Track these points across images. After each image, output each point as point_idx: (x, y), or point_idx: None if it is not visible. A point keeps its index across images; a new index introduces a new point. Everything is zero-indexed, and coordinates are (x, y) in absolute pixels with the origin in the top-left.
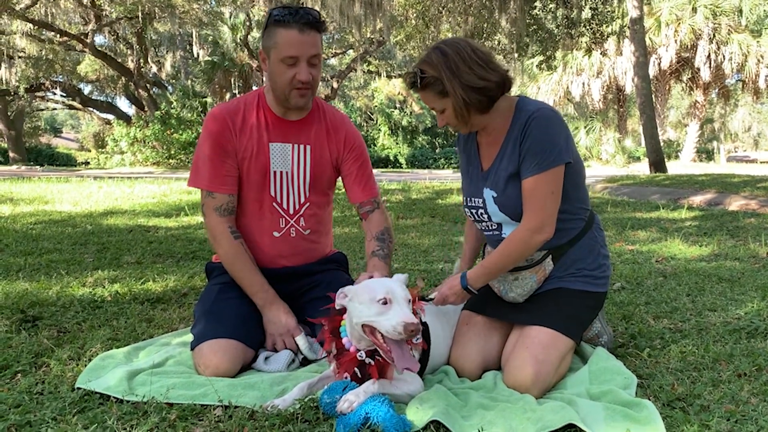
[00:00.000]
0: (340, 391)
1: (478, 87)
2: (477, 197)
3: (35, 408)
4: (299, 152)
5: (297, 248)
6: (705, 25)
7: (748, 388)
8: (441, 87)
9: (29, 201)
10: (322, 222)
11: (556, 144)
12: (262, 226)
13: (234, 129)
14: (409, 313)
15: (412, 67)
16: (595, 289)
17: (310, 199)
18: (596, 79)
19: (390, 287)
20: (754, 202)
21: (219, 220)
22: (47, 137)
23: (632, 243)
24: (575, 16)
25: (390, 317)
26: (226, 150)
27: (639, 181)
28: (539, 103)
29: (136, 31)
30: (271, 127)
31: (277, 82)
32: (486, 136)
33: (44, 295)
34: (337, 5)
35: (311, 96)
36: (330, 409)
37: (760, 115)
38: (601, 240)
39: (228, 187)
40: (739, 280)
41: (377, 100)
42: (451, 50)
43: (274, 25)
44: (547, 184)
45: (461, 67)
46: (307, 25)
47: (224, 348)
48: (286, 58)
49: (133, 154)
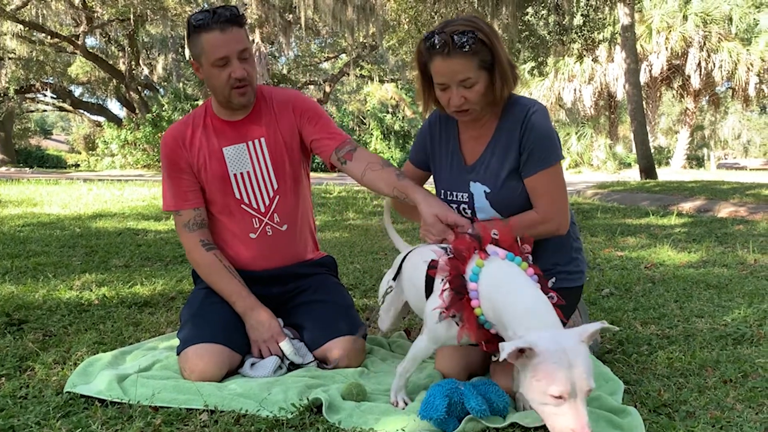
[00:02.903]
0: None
1: (514, 67)
2: (460, 192)
3: (19, 412)
4: (255, 148)
5: (277, 246)
6: (695, 33)
7: (733, 394)
8: (488, 56)
9: (17, 203)
10: (297, 212)
11: (556, 139)
12: (237, 231)
13: (184, 144)
14: (582, 420)
15: (441, 29)
16: (572, 285)
17: (279, 190)
18: (588, 85)
19: (572, 380)
20: (743, 209)
21: (189, 235)
22: (37, 139)
23: (621, 249)
24: (567, 23)
25: (559, 421)
26: (180, 167)
27: (629, 188)
28: (529, 99)
29: (127, 33)
30: (221, 132)
31: (215, 86)
32: (470, 130)
33: (30, 298)
34: (329, 9)
35: (252, 92)
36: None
37: (749, 122)
38: (573, 234)
39: (191, 201)
40: (727, 287)
41: (369, 104)
42: (486, 25)
43: (195, 32)
44: (557, 179)
45: (498, 41)
46: (228, 23)
47: (210, 352)
48: (216, 61)
49: (123, 157)
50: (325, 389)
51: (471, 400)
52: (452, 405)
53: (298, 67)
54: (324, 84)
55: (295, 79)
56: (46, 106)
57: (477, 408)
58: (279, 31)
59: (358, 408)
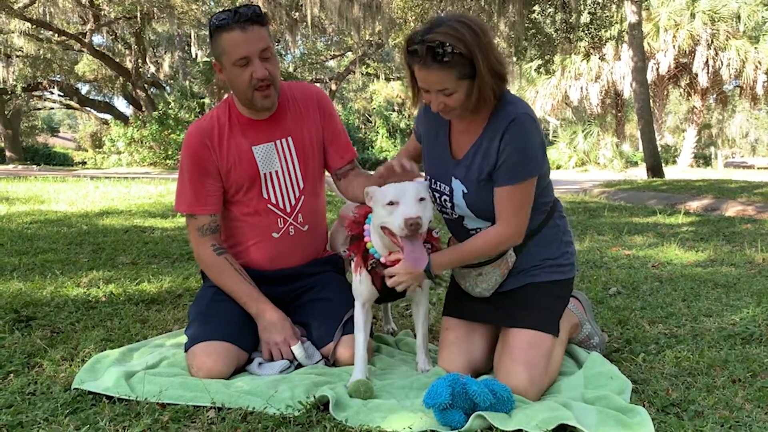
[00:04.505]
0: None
1: (500, 73)
2: (443, 183)
3: (27, 408)
4: (283, 147)
5: (296, 246)
6: (703, 31)
7: (742, 394)
8: (468, 68)
9: (25, 200)
10: (318, 215)
11: (533, 156)
12: (260, 231)
13: (212, 146)
14: (411, 210)
15: (423, 36)
16: (562, 277)
17: (305, 190)
18: (594, 83)
19: (402, 188)
20: (750, 208)
21: (200, 240)
22: (44, 136)
23: (629, 248)
24: (574, 21)
25: (396, 216)
26: (207, 170)
27: (636, 186)
28: (519, 104)
29: (134, 31)
30: (250, 131)
31: (238, 87)
32: (461, 124)
33: (38, 295)
34: (336, 7)
35: (276, 93)
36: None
37: (757, 121)
38: (563, 227)
39: (209, 207)
40: (735, 286)
41: (375, 102)
42: (478, 28)
43: (217, 33)
44: (521, 195)
45: (487, 49)
46: (249, 22)
47: (217, 350)
48: (238, 60)
49: (130, 155)
50: (332, 387)
51: (473, 385)
52: (456, 395)
53: (304, 65)
54: (330, 82)
55: (301, 77)
56: (53, 104)
57: (479, 391)
58: (285, 29)
59: (365, 405)
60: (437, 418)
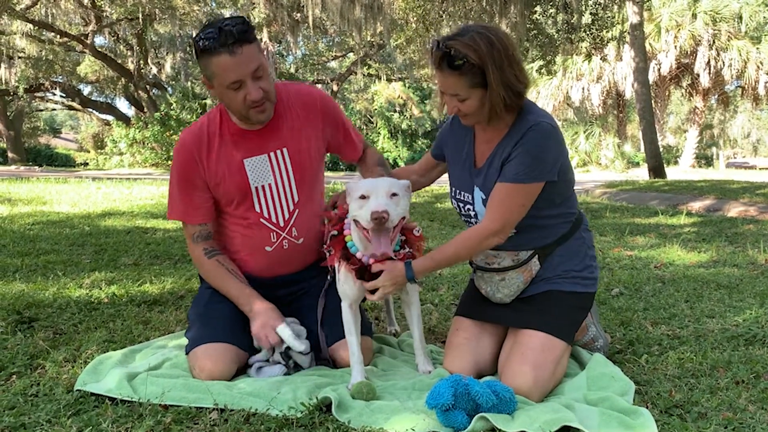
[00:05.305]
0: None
1: (515, 89)
2: (467, 192)
3: (30, 410)
4: (278, 158)
5: (291, 258)
6: (705, 32)
7: (745, 395)
8: (479, 78)
9: (27, 201)
10: (313, 226)
11: (543, 161)
12: (252, 244)
13: (200, 159)
14: (379, 204)
15: (444, 42)
16: (584, 290)
17: (299, 203)
18: (596, 84)
19: (375, 183)
20: (753, 209)
21: (194, 246)
22: (46, 138)
23: (631, 249)
24: (575, 21)
25: (365, 209)
26: (194, 184)
27: (638, 187)
28: (542, 114)
29: (136, 32)
30: (242, 143)
31: (231, 107)
32: (484, 133)
33: (40, 296)
34: (337, 8)
35: (271, 106)
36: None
37: (759, 121)
38: (588, 241)
39: (199, 217)
40: (738, 287)
41: (377, 103)
42: (498, 42)
43: (203, 55)
44: (521, 197)
45: (505, 63)
46: (236, 44)
47: (218, 352)
48: (230, 84)
49: (132, 156)
50: (335, 388)
51: (476, 386)
52: (458, 396)
53: (306, 66)
54: (331, 83)
55: (303, 77)
56: (55, 105)
57: (482, 392)
58: (287, 30)
59: (367, 407)
60: (440, 419)
